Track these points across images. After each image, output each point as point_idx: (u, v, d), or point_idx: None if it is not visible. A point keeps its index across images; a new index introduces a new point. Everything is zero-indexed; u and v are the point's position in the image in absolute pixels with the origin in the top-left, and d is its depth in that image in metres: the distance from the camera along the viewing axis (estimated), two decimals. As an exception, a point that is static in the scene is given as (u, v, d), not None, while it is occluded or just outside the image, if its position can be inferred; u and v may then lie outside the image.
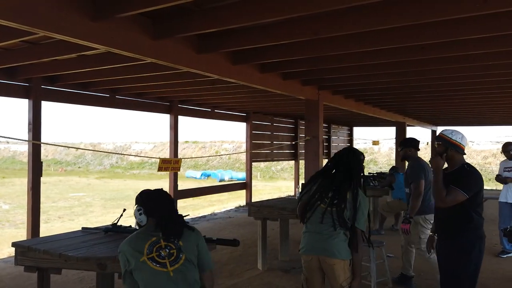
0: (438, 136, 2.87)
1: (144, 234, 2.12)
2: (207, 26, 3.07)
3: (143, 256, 2.01)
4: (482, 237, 2.70)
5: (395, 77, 5.19)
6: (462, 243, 2.67)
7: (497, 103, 8.13)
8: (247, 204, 5.11)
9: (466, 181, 2.69)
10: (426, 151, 25.20)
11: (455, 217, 2.71)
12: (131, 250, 2.05)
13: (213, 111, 9.18)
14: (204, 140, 35.82)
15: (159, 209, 2.17)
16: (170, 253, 2.05)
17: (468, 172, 2.71)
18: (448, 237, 2.76)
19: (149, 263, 2.00)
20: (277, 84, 5.24)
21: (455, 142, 2.75)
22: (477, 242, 2.67)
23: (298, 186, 5.42)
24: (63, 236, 3.05)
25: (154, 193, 2.26)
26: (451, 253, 2.73)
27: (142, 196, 2.28)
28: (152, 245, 2.05)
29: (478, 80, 5.27)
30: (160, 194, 2.25)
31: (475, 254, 2.66)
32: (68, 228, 10.12)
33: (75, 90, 6.14)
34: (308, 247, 2.63)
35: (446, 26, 3.13)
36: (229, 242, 2.66)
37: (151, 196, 2.25)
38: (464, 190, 2.64)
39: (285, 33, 3.29)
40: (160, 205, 2.19)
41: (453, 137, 2.76)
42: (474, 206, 2.68)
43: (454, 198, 2.67)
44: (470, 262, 2.65)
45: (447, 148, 2.76)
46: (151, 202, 2.21)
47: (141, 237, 2.10)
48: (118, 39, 3.00)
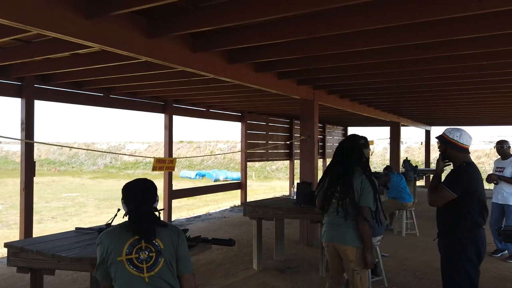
0: (439, 135, 2.84)
1: (126, 228, 2.00)
2: (202, 24, 3.05)
3: (121, 255, 1.92)
4: (475, 239, 2.62)
5: (390, 76, 5.20)
6: (453, 243, 2.65)
7: (490, 103, 8.18)
8: (242, 204, 5.09)
9: (453, 179, 2.65)
10: (420, 151, 25.33)
11: (447, 216, 2.70)
12: (111, 245, 1.95)
13: (208, 110, 9.15)
14: (199, 140, 35.77)
15: (130, 199, 2.05)
16: (149, 257, 1.95)
17: (459, 170, 2.66)
18: (442, 235, 2.76)
19: (126, 265, 1.91)
20: (273, 83, 5.23)
21: (452, 141, 2.71)
22: (469, 243, 2.61)
23: (293, 186, 5.41)
24: (56, 236, 3.02)
25: (133, 181, 2.13)
26: (444, 252, 2.72)
27: (124, 185, 2.15)
28: (132, 245, 1.95)
29: (471, 80, 5.30)
30: (136, 183, 2.11)
31: (466, 254, 2.60)
32: (61, 229, 10.04)
33: (68, 89, 6.08)
34: (326, 235, 3.04)
35: (441, 25, 3.14)
36: (225, 242, 2.65)
37: (126, 186, 2.11)
38: (450, 187, 2.61)
39: (280, 32, 3.29)
40: (132, 195, 2.05)
41: (450, 135, 2.73)
42: (467, 205, 2.62)
43: (439, 195, 2.68)
44: (462, 262, 2.60)
45: (446, 147, 2.74)
46: (126, 190, 2.08)
47: (123, 232, 1.99)
48: (112, 37, 2.97)
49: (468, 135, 2.74)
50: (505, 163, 5.35)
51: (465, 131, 2.76)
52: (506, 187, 5.22)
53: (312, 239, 5.96)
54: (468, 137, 2.73)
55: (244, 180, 10.50)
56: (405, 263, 5.15)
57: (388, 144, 24.19)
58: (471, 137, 2.77)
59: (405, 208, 6.72)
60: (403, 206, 6.69)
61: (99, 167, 34.31)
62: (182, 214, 9.91)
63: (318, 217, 4.58)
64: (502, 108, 9.09)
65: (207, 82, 5.43)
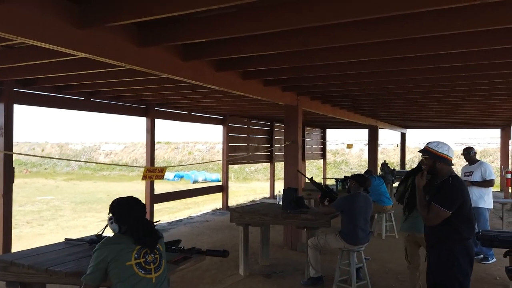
0: (424, 149, 2.82)
1: (125, 239, 2.16)
2: (194, 36, 3.07)
3: (130, 260, 2.08)
4: (467, 249, 2.67)
5: (372, 85, 5.36)
6: (446, 254, 2.67)
7: (462, 109, 8.54)
8: (229, 209, 5.13)
9: (446, 196, 2.64)
10: (395, 152, 25.99)
11: (438, 228, 2.71)
12: (115, 251, 2.09)
13: (190, 113, 9.12)
14: (177, 141, 35.35)
15: (129, 217, 2.21)
16: (155, 258, 2.17)
17: (450, 186, 2.65)
18: (432, 246, 2.79)
19: (136, 269, 2.08)
20: (259, 90, 5.29)
21: (442, 155, 2.72)
22: (461, 254, 2.65)
23: (279, 191, 5.50)
24: (47, 249, 2.96)
25: (124, 200, 2.30)
26: (435, 263, 2.75)
27: (113, 204, 2.30)
28: (139, 250, 2.13)
29: (445, 89, 5.54)
30: (129, 202, 2.28)
31: (458, 265, 2.63)
32: (37, 234, 9.77)
33: (49, 93, 5.94)
34: (406, 226, 3.76)
35: (428, 40, 3.27)
36: (219, 253, 2.68)
37: (121, 204, 2.28)
38: (445, 206, 2.61)
39: (270, 44, 3.34)
40: (130, 213, 2.22)
41: (439, 150, 2.73)
42: (458, 219, 2.64)
43: (436, 215, 2.65)
44: (454, 273, 2.64)
45: (435, 161, 2.73)
46: (121, 210, 2.24)
47: (127, 240, 2.15)
48: (104, 47, 2.95)
49: (451, 148, 2.81)
50: (473, 168, 5.60)
51: (448, 144, 2.81)
52: (476, 191, 5.44)
53: (296, 243, 6.06)
54: (452, 150, 2.80)
55: (226, 183, 10.52)
56: (387, 266, 5.31)
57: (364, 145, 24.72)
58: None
59: (385, 211, 6.92)
60: (383, 209, 6.89)
61: (73, 168, 33.43)
62: (163, 218, 9.82)
63: (304, 223, 4.67)
64: (471, 113, 9.49)
65: (193, 87, 5.43)
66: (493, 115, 10.16)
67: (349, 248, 4.28)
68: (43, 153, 38.01)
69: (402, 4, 2.37)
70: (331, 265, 4.75)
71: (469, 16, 2.64)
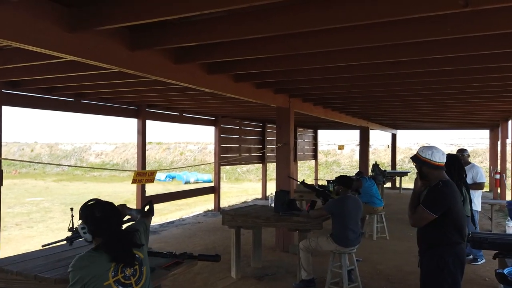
0: (413, 155, 2.86)
1: (100, 256, 1.96)
2: (185, 40, 3.06)
3: (108, 280, 1.92)
4: (458, 254, 2.69)
5: (362, 88, 5.40)
6: (436, 260, 2.68)
7: (449, 110, 8.64)
8: (221, 212, 5.13)
9: (432, 200, 2.66)
10: (386, 153, 26.18)
11: (428, 234, 2.74)
12: (91, 272, 1.91)
13: (182, 115, 9.09)
14: (169, 141, 35.17)
15: (106, 230, 2.00)
16: (134, 270, 2.03)
17: (437, 190, 2.68)
18: (423, 252, 2.81)
19: (114, 287, 1.94)
20: (251, 92, 5.29)
21: (425, 159, 2.74)
22: (451, 259, 2.66)
23: (271, 193, 5.51)
24: (36, 254, 2.92)
25: (99, 210, 2.03)
26: (425, 268, 2.77)
27: (85, 212, 2.03)
28: (116, 267, 1.97)
29: (435, 91, 5.60)
30: (105, 213, 2.03)
31: (448, 270, 2.65)
32: (26, 236, 9.64)
33: (38, 94, 5.87)
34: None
35: (418, 45, 3.30)
36: (212, 258, 2.66)
37: (95, 214, 2.01)
38: (429, 208, 2.63)
39: (263, 48, 3.34)
40: (107, 225, 2.00)
41: (422, 154, 2.76)
42: (447, 224, 2.66)
43: (419, 216, 2.70)
44: (444, 278, 2.65)
45: (421, 166, 2.77)
46: (96, 222, 2.00)
47: (102, 257, 1.95)
48: (95, 51, 2.93)
49: (440, 152, 2.77)
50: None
51: (437, 148, 2.79)
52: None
53: (288, 245, 6.07)
54: (440, 154, 2.76)
55: (218, 184, 10.49)
56: (378, 268, 5.35)
57: (355, 146, 24.84)
58: (444, 153, 2.80)
59: (376, 212, 6.96)
60: (374, 210, 6.93)
61: (63, 169, 33.07)
62: (155, 220, 9.77)
63: (296, 225, 4.68)
64: (462, 114, 9.61)
65: (185, 89, 5.41)
66: (482, 117, 10.29)
67: (341, 250, 4.29)
68: (32, 154, 37.56)
69: (390, 11, 2.39)
70: (323, 267, 4.77)
71: (459, 22, 2.67)
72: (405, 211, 9.94)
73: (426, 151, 2.77)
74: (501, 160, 11.12)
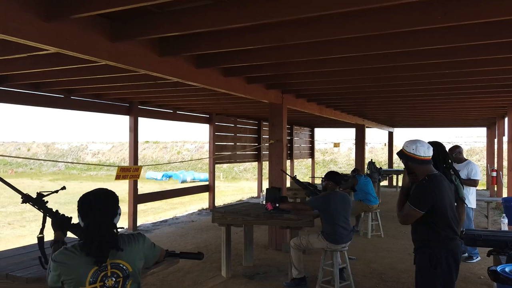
0: (399, 151, 2.77)
1: (81, 255, 1.80)
2: (170, 29, 2.96)
3: (84, 285, 1.75)
4: (451, 250, 2.60)
5: (357, 82, 5.29)
6: (428, 257, 2.60)
7: (446, 107, 8.54)
8: (211, 210, 5.02)
9: (416, 196, 2.59)
10: (383, 151, 26.12)
11: (420, 231, 2.67)
12: (71, 270, 1.76)
13: (175, 112, 8.97)
14: (165, 140, 35.07)
15: (86, 214, 1.84)
16: (116, 282, 1.81)
17: (422, 186, 2.58)
18: (416, 249, 2.73)
19: None
20: (242, 88, 5.18)
21: (409, 154, 2.66)
22: (444, 256, 2.54)
23: (262, 191, 5.40)
24: (12, 252, 2.81)
25: (90, 194, 1.91)
26: (418, 266, 2.69)
27: (80, 197, 1.92)
28: (97, 272, 1.78)
29: (433, 86, 5.49)
30: (94, 195, 1.89)
31: (441, 268, 2.57)
32: (18, 236, 9.52)
33: (26, 90, 5.75)
34: None
35: (409, 34, 3.20)
36: (194, 256, 2.54)
37: (85, 197, 1.89)
38: (414, 205, 2.57)
39: (251, 39, 3.24)
40: (89, 210, 1.85)
41: (407, 149, 2.67)
42: (436, 220, 2.58)
43: (406, 213, 2.63)
44: (437, 276, 2.57)
45: (406, 161, 2.68)
46: (84, 204, 1.87)
47: (79, 259, 1.78)
48: (73, 40, 2.81)
49: (425, 146, 2.67)
50: (460, 167, 5.55)
51: (421, 142, 2.68)
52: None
53: (281, 243, 5.97)
54: (425, 148, 2.65)
55: (212, 183, 10.38)
56: (372, 266, 5.25)
57: (352, 144, 24.77)
58: (430, 147, 2.68)
59: (371, 210, 6.87)
60: (369, 208, 6.84)
61: (59, 168, 32.93)
62: (148, 219, 9.66)
63: (287, 223, 4.58)
64: (459, 111, 9.52)
65: (175, 85, 5.30)
66: (479, 114, 10.21)
67: (332, 247, 4.20)
68: (29, 153, 37.40)
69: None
70: (315, 266, 4.67)
71: (451, 9, 2.57)
72: (400, 209, 9.79)
73: (410, 146, 2.68)
74: (498, 157, 11.04)
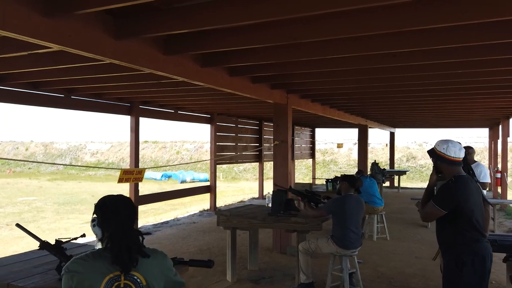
0: (430, 149, 2.74)
1: (102, 259, 1.72)
2: (176, 27, 2.83)
3: None
4: (477, 253, 2.51)
5: (362, 83, 5.18)
6: (454, 260, 2.54)
7: (450, 107, 8.44)
8: (216, 212, 4.90)
9: (440, 195, 2.57)
10: (384, 152, 26.05)
11: (445, 233, 2.62)
12: (86, 278, 1.67)
13: (176, 112, 8.85)
14: (165, 140, 34.87)
15: (113, 221, 1.78)
16: None
17: (447, 185, 2.57)
18: (443, 253, 2.68)
19: None
20: (246, 87, 5.07)
21: (439, 153, 2.62)
22: (470, 258, 2.48)
23: (268, 193, 5.27)
24: (12, 259, 2.69)
25: (110, 200, 1.86)
26: (445, 270, 2.63)
27: (98, 203, 1.87)
28: (110, 282, 1.69)
29: (439, 87, 5.39)
30: (117, 201, 1.84)
31: (467, 271, 2.48)
32: (16, 237, 9.38)
33: (25, 89, 5.62)
34: None
35: (420, 34, 3.10)
36: (204, 263, 2.43)
37: (105, 203, 1.84)
38: (438, 204, 2.53)
39: (257, 37, 3.12)
40: (115, 215, 1.79)
41: (438, 148, 2.64)
42: (460, 222, 2.53)
43: (427, 211, 2.62)
44: (463, 280, 2.49)
45: (436, 160, 2.65)
46: (105, 210, 1.81)
47: (99, 263, 1.71)
48: (75, 37, 2.69)
49: (457, 146, 2.61)
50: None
51: (453, 142, 2.63)
52: None
53: (286, 246, 5.85)
54: (457, 149, 2.60)
55: (214, 184, 10.26)
56: (379, 270, 5.14)
57: (353, 145, 24.68)
58: (462, 148, 2.63)
59: (376, 212, 6.76)
60: (374, 210, 6.73)
61: (58, 168, 32.75)
62: (149, 220, 9.54)
63: (294, 226, 4.47)
64: (461, 112, 9.42)
65: (177, 84, 5.18)
66: (483, 114, 10.12)
67: (342, 252, 4.08)
68: (27, 153, 37.19)
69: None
70: (322, 270, 4.56)
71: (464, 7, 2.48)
72: (404, 210, 9.84)
73: (442, 145, 2.64)
74: (502, 158, 10.94)
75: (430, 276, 4.85)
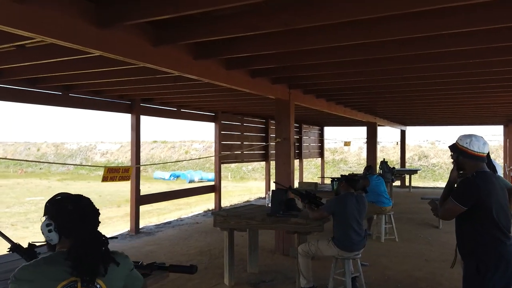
0: (452, 144, 2.57)
1: (55, 265, 1.52)
2: (163, 12, 2.62)
3: None
4: (501, 255, 2.30)
5: (370, 75, 4.91)
6: (476, 264, 2.34)
7: (462, 104, 8.10)
8: (213, 212, 4.69)
9: (461, 191, 2.40)
10: (395, 151, 25.59)
11: (465, 235, 2.43)
12: (35, 285, 1.47)
13: (179, 110, 8.66)
14: (173, 140, 34.92)
15: (81, 229, 1.56)
16: None
17: (468, 181, 2.38)
18: (464, 257, 2.47)
19: None
20: (245, 82, 4.84)
21: (462, 148, 2.45)
22: (493, 263, 2.29)
23: (268, 192, 5.05)
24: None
25: (72, 203, 1.60)
26: (465, 274, 2.42)
27: (54, 205, 1.60)
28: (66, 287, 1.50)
29: (450, 79, 5.09)
30: (81, 205, 1.60)
31: (490, 276, 2.28)
32: (20, 237, 9.30)
33: (20, 87, 5.49)
34: None
35: (431, 18, 2.84)
36: (185, 269, 2.22)
37: (66, 207, 1.58)
38: (457, 199, 2.36)
39: (252, 23, 2.90)
40: (81, 222, 1.56)
41: (460, 142, 2.47)
42: (482, 221, 2.33)
43: (446, 208, 2.44)
44: (485, 285, 2.29)
45: (458, 155, 2.48)
46: (68, 216, 1.57)
47: (52, 270, 1.50)
48: (52, 25, 2.52)
49: (480, 141, 2.44)
50: None
51: (477, 136, 2.46)
52: None
53: (289, 248, 5.61)
54: (480, 143, 2.42)
55: (218, 183, 10.05)
56: (387, 273, 4.87)
57: (363, 143, 24.28)
58: (486, 143, 2.44)
59: (384, 212, 6.48)
60: (382, 210, 6.45)
61: (68, 168, 32.99)
62: (152, 220, 9.39)
63: (294, 227, 4.23)
64: (475, 109, 9.04)
65: (175, 79, 4.98)
66: (497, 111, 9.73)
67: (344, 255, 3.84)
68: (38, 153, 37.58)
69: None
70: (324, 273, 4.31)
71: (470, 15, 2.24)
72: (414, 210, 9.48)
73: (465, 139, 2.47)
74: (518, 156, 10.52)
75: (440, 280, 4.58)
